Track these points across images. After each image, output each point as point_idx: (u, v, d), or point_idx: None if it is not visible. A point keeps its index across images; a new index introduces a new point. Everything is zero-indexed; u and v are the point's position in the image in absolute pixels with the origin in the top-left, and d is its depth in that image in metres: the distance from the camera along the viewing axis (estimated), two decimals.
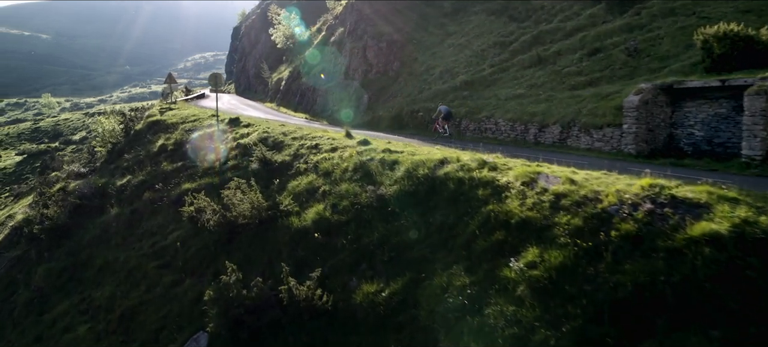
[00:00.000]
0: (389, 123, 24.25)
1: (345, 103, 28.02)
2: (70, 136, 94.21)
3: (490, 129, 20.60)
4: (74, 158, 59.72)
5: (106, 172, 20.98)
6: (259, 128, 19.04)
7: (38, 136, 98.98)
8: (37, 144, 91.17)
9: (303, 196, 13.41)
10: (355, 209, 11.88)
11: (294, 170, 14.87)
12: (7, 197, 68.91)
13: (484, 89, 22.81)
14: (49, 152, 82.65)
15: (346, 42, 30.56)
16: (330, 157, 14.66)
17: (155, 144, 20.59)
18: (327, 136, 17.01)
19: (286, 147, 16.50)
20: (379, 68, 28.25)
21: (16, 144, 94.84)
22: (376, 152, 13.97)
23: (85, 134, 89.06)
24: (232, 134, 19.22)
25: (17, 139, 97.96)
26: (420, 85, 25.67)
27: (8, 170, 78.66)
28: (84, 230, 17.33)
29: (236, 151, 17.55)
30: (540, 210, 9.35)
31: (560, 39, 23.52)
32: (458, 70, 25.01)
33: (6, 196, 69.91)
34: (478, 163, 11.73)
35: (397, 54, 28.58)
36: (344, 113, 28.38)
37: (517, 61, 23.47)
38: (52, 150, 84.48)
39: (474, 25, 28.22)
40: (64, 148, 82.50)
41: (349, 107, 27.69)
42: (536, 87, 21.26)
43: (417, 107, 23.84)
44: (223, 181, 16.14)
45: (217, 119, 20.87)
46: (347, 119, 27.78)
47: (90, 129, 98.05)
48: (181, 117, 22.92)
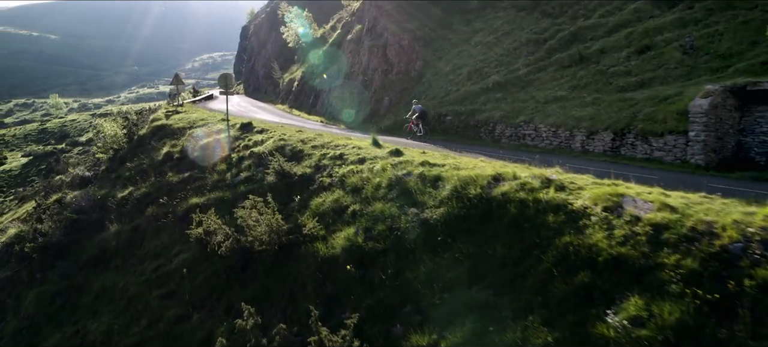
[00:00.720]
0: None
1: (364, 106, 26.23)
2: (76, 137, 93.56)
3: (529, 135, 18.69)
4: (80, 160, 58.56)
5: (106, 182, 19.32)
6: (274, 135, 17.28)
7: (45, 137, 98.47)
8: (44, 146, 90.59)
9: (329, 217, 11.60)
10: (394, 236, 10.05)
11: (316, 185, 13.08)
12: (12, 200, 68.01)
13: (519, 91, 20.90)
14: (55, 153, 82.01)
15: (364, 40, 28.77)
16: (358, 170, 12.84)
17: (160, 152, 18.91)
18: (351, 144, 15.20)
19: (306, 157, 14.71)
20: (401, 68, 26.41)
21: (22, 145, 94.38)
22: (412, 165, 12.13)
23: (92, 135, 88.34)
24: (244, 141, 17.47)
25: (24, 140, 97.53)
26: (446, 87, 23.79)
27: (14, 172, 77.92)
28: (81, 249, 15.66)
29: (250, 161, 15.79)
30: (635, 246, 7.46)
31: (602, 36, 21.56)
32: (488, 70, 23.11)
33: (11, 199, 69.01)
34: (542, 181, 9.84)
35: (420, 53, 26.74)
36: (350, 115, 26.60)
37: (554, 60, 21.53)
38: (58, 152, 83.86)
39: (503, 21, 26.31)
40: (70, 149, 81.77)
41: (367, 110, 25.89)
42: (579, 89, 19.32)
43: (444, 110, 21.97)
44: (235, 196, 14.40)
45: (227, 124, 19.15)
46: (359, 121, 25.97)
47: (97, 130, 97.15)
48: (189, 121, 21.23)
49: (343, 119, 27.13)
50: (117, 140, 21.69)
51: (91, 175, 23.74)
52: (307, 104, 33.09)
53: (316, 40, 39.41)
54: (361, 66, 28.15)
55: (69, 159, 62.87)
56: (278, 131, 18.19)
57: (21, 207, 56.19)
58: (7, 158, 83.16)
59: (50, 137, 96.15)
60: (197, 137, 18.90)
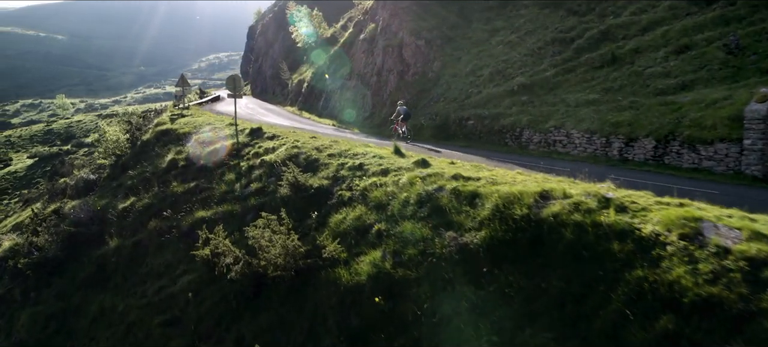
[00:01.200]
0: (433, 133, 21.17)
1: (378, 109, 25.02)
2: (82, 138, 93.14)
3: (560, 141, 17.40)
4: (85, 162, 57.83)
5: (107, 190, 18.24)
6: (286, 142, 16.10)
7: (51, 138, 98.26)
8: (49, 147, 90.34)
9: (351, 237, 10.40)
10: (428, 263, 8.84)
11: (335, 199, 11.87)
12: (16, 202, 67.44)
13: (546, 93, 19.60)
14: (61, 154, 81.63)
15: (377, 40, 27.56)
16: (381, 182, 11.63)
17: (164, 159, 17.79)
18: (371, 153, 13.99)
19: (322, 167, 13.52)
20: (417, 69, 25.17)
21: (28, 146, 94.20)
22: (443, 178, 10.90)
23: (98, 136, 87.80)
24: (254, 149, 16.31)
25: (29, 141, 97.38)
26: (467, 89, 22.53)
27: (19, 173, 77.52)
28: (78, 266, 14.55)
29: (260, 171, 14.62)
30: (730, 286, 6.21)
31: (635, 34, 20.22)
32: (512, 71, 21.83)
33: (15, 201, 68.47)
34: (597, 199, 8.58)
35: (438, 53, 25.48)
36: (364, 118, 25.41)
37: (584, 60, 20.22)
38: (64, 153, 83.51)
39: (526, 19, 25.01)
40: (76, 151, 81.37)
41: (382, 113, 24.68)
42: (613, 91, 18.01)
43: (466, 113, 20.72)
44: (244, 210, 13.24)
45: (236, 130, 18.00)
46: (373, 125, 24.77)
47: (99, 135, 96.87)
48: (195, 126, 20.11)
49: (355, 122, 25.95)
50: (119, 146, 20.61)
51: (96, 178, 22.69)
52: (317, 106, 31.93)
53: (327, 40, 38.27)
54: (375, 67, 26.94)
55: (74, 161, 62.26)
56: (290, 137, 17.01)
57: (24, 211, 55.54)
58: (12, 159, 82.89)
59: (56, 138, 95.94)
60: (203, 143, 17.77)
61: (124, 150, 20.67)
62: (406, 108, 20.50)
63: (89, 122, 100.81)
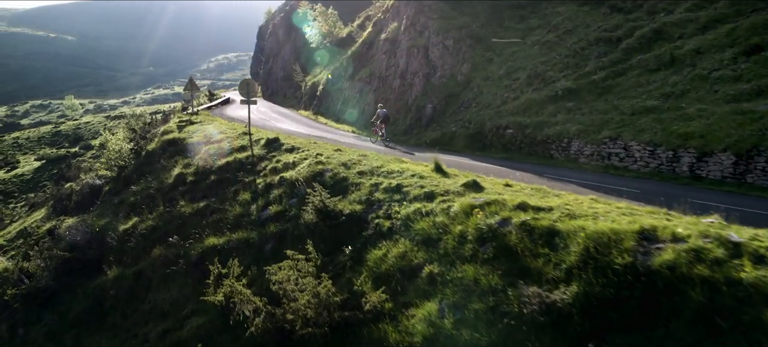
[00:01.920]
0: (466, 143, 19.26)
1: (403, 115, 23.15)
2: (90, 140, 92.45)
3: (616, 154, 15.41)
4: (92, 165, 56.53)
5: (107, 208, 16.53)
6: (308, 155, 14.28)
7: (58, 140, 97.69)
8: (57, 149, 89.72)
9: (395, 280, 8.55)
10: (504, 324, 6.94)
11: (372, 229, 10.02)
12: (22, 206, 66.46)
13: (595, 99, 17.62)
14: (68, 157, 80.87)
15: (401, 40, 25.67)
16: (427, 210, 9.75)
17: (170, 173, 16.04)
18: (408, 170, 12.12)
19: (352, 188, 11.67)
20: (445, 71, 23.25)
21: (35, 149, 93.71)
22: (505, 207, 8.98)
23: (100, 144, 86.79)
24: (271, 163, 14.49)
25: (37, 143, 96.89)
26: (502, 93, 20.59)
27: (26, 176, 76.73)
28: (73, 298, 12.82)
29: (279, 190, 12.79)
30: None
31: (694, 33, 18.17)
32: (553, 74, 19.86)
33: (22, 205, 67.49)
34: (723, 245, 6.65)
35: (467, 54, 23.55)
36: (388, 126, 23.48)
37: (636, 62, 18.21)
38: (71, 156, 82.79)
39: (563, 17, 23.01)
40: (83, 153, 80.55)
41: (407, 120, 22.82)
42: (675, 97, 15.98)
43: (503, 121, 18.78)
44: (263, 238, 11.42)
45: (250, 141, 16.22)
46: (398, 133, 22.88)
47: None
48: (204, 135, 18.36)
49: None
50: (122, 156, 18.92)
51: (101, 183, 21.05)
52: (334, 111, 30.12)
53: (342, 40, 36.43)
54: (398, 69, 25.06)
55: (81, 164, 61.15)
56: (312, 149, 15.18)
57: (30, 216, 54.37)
58: (19, 161, 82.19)
59: (64, 140, 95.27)
60: (214, 156, 15.98)
61: (128, 161, 18.98)
62: (385, 111, 21.31)
63: (98, 124, 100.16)
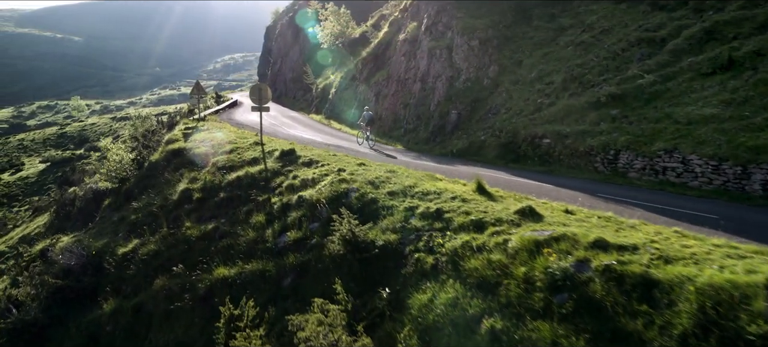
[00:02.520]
0: (498, 153, 17.66)
1: (425, 121, 21.60)
2: (95, 141, 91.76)
3: (673, 169, 13.77)
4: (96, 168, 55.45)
5: (106, 226, 15.08)
6: (329, 170, 12.75)
7: (64, 142, 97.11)
8: (62, 151, 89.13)
9: (447, 336, 7.00)
10: None
11: (411, 266, 8.47)
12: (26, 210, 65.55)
13: (643, 106, 15.97)
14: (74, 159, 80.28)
15: (421, 40, 24.11)
16: (478, 244, 8.19)
17: (175, 188, 14.55)
18: (447, 191, 10.57)
19: (383, 212, 10.12)
20: (470, 74, 21.67)
21: (41, 150, 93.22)
22: (578, 245, 7.41)
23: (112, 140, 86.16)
24: (287, 178, 12.97)
25: (42, 145, 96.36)
26: (535, 99, 18.98)
27: (31, 179, 76.02)
28: (64, 334, 11.37)
29: (298, 212, 11.25)
30: None
31: (752, 33, 16.49)
32: (591, 77, 18.23)
33: (26, 209, 66.59)
34: None
35: (494, 55, 21.95)
36: (408, 133, 21.98)
37: (687, 65, 16.55)
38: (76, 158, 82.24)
39: (598, 16, 21.35)
40: (89, 155, 79.80)
41: (429, 127, 21.27)
42: (737, 105, 14.32)
43: (539, 130, 17.16)
44: (281, 270, 9.90)
45: (263, 153, 14.73)
46: (420, 140, 21.33)
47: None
48: (212, 145, 16.87)
49: (396, 136, 22.55)
50: (123, 168, 17.48)
51: (105, 190, 19.57)
52: (348, 115, 28.58)
53: (355, 41, 34.91)
54: (419, 72, 23.49)
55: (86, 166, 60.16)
56: (332, 162, 13.65)
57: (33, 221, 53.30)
58: (24, 163, 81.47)
59: (69, 142, 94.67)
60: (223, 169, 14.49)
61: (129, 173, 17.54)
62: (371, 113, 21.65)
63: (103, 125, 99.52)
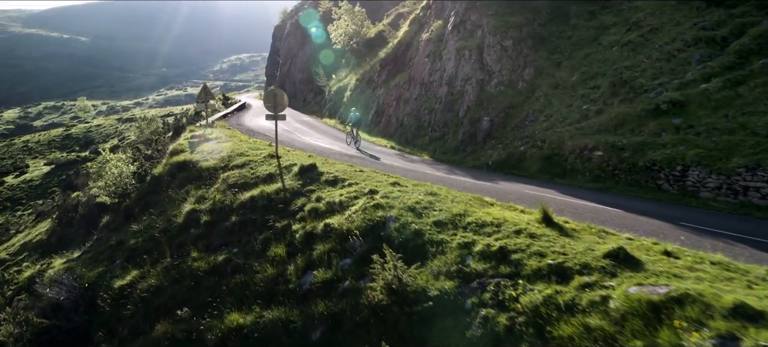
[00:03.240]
0: (541, 166, 15.79)
1: (453, 129, 19.76)
2: (101, 143, 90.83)
3: (757, 189, 11.85)
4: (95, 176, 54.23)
5: (102, 251, 13.36)
6: (358, 191, 10.96)
7: (69, 144, 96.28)
8: (67, 153, 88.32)
9: None
10: None
11: (479, 327, 6.71)
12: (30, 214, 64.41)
13: (710, 114, 14.06)
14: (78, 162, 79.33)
15: (447, 40, 22.26)
16: (565, 300, 6.37)
17: (180, 209, 12.80)
18: (507, 223, 8.76)
19: (431, 250, 8.33)
20: (503, 77, 19.80)
21: (45, 152, 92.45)
22: (712, 311, 5.54)
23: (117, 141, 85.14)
24: (310, 200, 11.18)
25: (47, 147, 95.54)
26: (579, 105, 17.09)
27: (35, 182, 74.98)
28: None
29: (326, 245, 9.46)
30: None
31: None
32: (644, 81, 16.33)
33: (29, 213, 65.46)
34: None
35: (529, 56, 20.08)
36: (434, 141, 20.17)
37: (758, 67, 14.61)
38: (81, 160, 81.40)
39: (645, 13, 19.43)
40: (93, 157, 78.71)
41: (458, 135, 19.44)
42: None
43: (589, 141, 15.27)
44: (308, 322, 8.13)
45: (280, 170, 12.95)
46: (448, 149, 19.49)
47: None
48: (222, 157, 15.10)
49: (421, 144, 20.73)
50: (123, 182, 15.78)
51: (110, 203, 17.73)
52: (365, 121, 26.78)
53: (372, 41, 33.11)
54: (445, 74, 21.65)
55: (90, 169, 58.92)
56: (359, 179, 11.85)
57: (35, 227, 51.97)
58: (29, 166, 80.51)
59: (74, 144, 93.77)
60: (235, 187, 12.72)
61: (130, 187, 15.83)
62: (358, 114, 22.20)
63: (109, 126, 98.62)
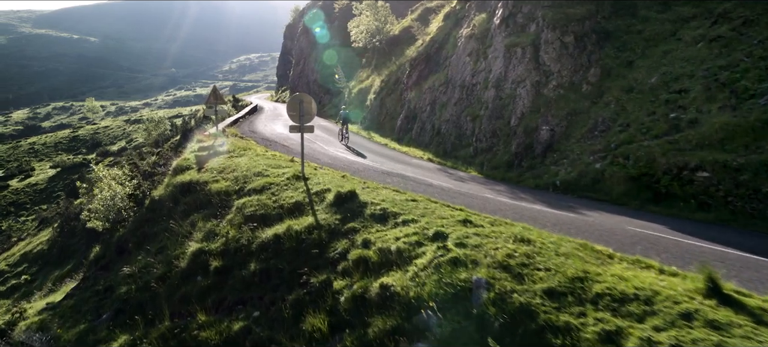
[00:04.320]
0: (626, 188, 12.90)
1: (503, 140, 16.91)
2: (108, 146, 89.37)
3: None
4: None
5: (87, 299, 10.70)
6: (419, 232, 8.20)
7: (76, 146, 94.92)
8: (74, 155, 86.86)
9: None
10: None
11: None
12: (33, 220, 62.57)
13: None
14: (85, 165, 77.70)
15: (494, 36, 19.43)
16: None
17: (184, 249, 10.06)
18: (658, 296, 5.89)
19: (558, 343, 5.45)
20: (563, 78, 16.93)
21: (52, 155, 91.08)
22: None
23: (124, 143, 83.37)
24: (354, 246, 8.41)
25: (54, 149, 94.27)
26: (663, 112, 14.18)
27: (40, 186, 73.33)
28: None
29: (387, 320, 6.73)
30: None
31: None
32: (749, 84, 13.39)
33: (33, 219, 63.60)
34: None
35: (594, 55, 17.20)
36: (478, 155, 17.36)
37: None
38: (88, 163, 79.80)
39: (733, 2, 16.46)
40: (100, 160, 77.03)
41: (510, 146, 16.59)
42: None
43: (688, 158, 12.35)
44: None
45: (308, 195, 10.21)
46: (498, 164, 16.66)
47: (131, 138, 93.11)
48: (235, 177, 12.36)
49: (464, 157, 17.91)
50: (115, 207, 13.10)
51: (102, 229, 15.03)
52: (393, 127, 24.04)
53: (396, 38, 30.32)
54: (491, 75, 18.81)
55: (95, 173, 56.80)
56: (415, 213, 9.06)
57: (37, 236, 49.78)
58: (34, 169, 78.91)
59: (81, 146, 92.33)
60: (253, 221, 9.96)
61: (125, 213, 13.17)
62: (347, 112, 22.37)
63: (117, 128, 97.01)
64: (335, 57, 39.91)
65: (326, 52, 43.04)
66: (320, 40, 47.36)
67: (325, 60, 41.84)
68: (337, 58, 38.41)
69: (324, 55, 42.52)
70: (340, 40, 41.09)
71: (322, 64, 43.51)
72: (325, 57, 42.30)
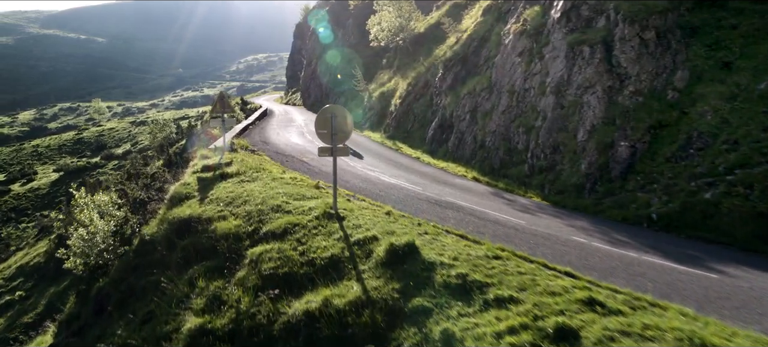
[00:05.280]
0: (751, 228, 9.95)
1: (568, 157, 14.03)
2: (113, 148, 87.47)
3: None
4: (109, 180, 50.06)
5: None
6: (533, 326, 5.29)
7: (80, 148, 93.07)
8: (78, 158, 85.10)
9: None
10: None
11: None
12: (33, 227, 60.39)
13: None
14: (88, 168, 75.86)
15: (551, 33, 16.55)
16: None
17: (180, 322, 7.24)
18: None
19: None
20: (641, 83, 14.02)
21: (55, 158, 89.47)
22: None
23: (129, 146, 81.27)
24: (434, 342, 5.52)
25: (58, 151, 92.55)
26: None
27: (42, 190, 71.23)
28: None
29: None
30: None
31: None
32: None
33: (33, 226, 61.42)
34: None
35: (681, 55, 14.29)
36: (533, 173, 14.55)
37: None
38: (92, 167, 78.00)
39: None
40: (104, 164, 75.15)
41: (578, 165, 13.71)
42: None
43: None
44: None
45: (349, 248, 7.42)
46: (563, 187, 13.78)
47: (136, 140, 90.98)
48: (247, 213, 9.55)
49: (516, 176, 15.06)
50: (95, 248, 10.36)
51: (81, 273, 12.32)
52: (423, 137, 21.22)
53: (421, 37, 27.51)
54: (549, 79, 15.92)
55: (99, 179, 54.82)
56: (511, 281, 6.23)
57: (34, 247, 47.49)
58: (37, 173, 77.11)
59: (86, 149, 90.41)
60: (273, 286, 7.15)
61: (108, 254, 10.44)
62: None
63: (122, 130, 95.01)
64: (339, 57, 37.89)
65: (329, 52, 41.32)
66: (324, 40, 45.73)
67: (329, 60, 39.93)
68: (347, 59, 36.33)
69: (327, 55, 40.72)
70: (357, 39, 38.34)
71: (331, 65, 41.04)
72: (329, 57, 40.46)
